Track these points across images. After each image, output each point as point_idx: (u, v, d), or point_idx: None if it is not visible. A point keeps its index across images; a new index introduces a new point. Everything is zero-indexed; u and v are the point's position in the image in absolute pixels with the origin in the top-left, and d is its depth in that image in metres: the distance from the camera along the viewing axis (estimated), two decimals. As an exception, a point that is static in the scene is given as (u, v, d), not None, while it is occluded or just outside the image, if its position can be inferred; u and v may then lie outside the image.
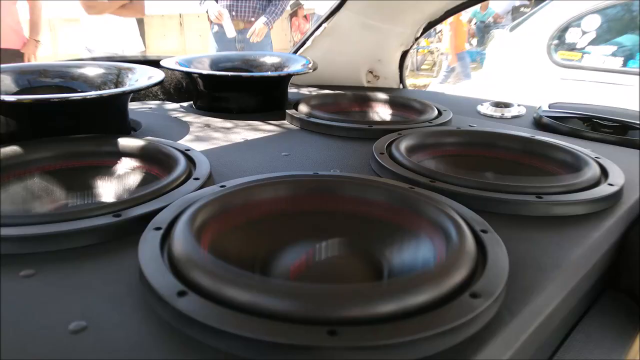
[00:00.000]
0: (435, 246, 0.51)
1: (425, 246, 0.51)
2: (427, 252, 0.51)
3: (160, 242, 0.47)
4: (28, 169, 0.65)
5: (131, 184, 0.66)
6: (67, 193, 0.65)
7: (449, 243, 0.48)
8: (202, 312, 0.37)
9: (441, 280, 0.41)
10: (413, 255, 0.52)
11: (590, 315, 0.65)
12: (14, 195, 0.62)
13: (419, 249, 0.52)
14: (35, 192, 0.63)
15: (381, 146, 0.80)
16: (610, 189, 0.65)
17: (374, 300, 0.38)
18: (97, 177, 0.68)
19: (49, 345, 0.36)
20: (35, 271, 0.45)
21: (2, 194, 0.60)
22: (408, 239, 0.54)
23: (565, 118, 1.04)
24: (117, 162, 0.71)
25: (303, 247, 0.54)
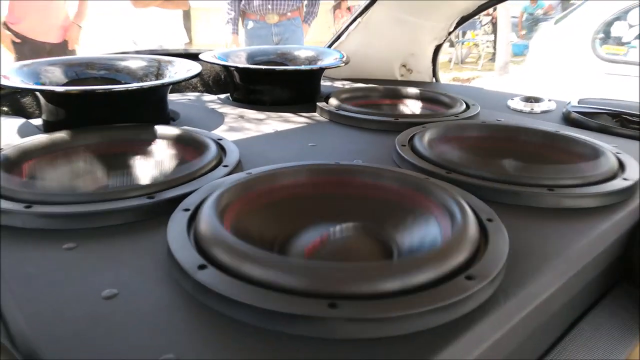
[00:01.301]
0: (442, 230, 0.54)
1: (432, 230, 0.55)
2: (433, 235, 0.54)
3: (188, 221, 0.52)
4: (75, 152, 0.72)
5: (166, 169, 0.72)
6: (108, 175, 0.72)
7: (453, 228, 0.51)
8: (218, 283, 0.42)
9: (439, 263, 0.45)
10: (420, 238, 0.55)
11: (601, 306, 0.66)
12: (62, 176, 0.69)
13: (426, 233, 0.55)
14: (81, 173, 0.69)
15: (404, 139, 0.83)
16: (624, 183, 0.66)
17: (373, 278, 0.42)
18: (136, 161, 0.75)
19: (83, 308, 0.41)
20: (76, 245, 0.51)
21: (51, 174, 0.67)
22: (417, 223, 0.57)
23: (594, 114, 1.04)
24: (154, 148, 0.77)
25: (319, 228, 0.58)
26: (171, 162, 0.74)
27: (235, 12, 2.85)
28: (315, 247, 0.55)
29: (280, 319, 0.39)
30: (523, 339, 0.47)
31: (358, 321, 0.39)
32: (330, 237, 0.57)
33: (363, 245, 0.56)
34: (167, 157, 0.75)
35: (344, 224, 0.58)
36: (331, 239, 0.57)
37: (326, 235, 0.57)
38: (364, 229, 0.58)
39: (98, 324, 0.39)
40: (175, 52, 1.32)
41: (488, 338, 0.41)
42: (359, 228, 0.58)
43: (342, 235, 0.57)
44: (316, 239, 0.57)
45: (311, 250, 0.55)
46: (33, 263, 0.47)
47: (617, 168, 0.72)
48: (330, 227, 0.58)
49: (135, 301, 0.42)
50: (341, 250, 0.55)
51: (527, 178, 0.66)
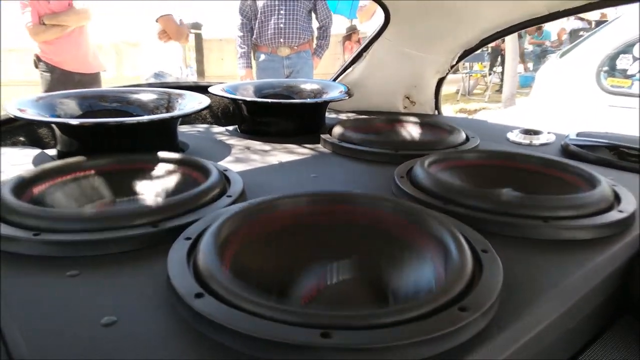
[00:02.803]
0: (437, 266, 0.55)
1: (427, 268, 0.56)
2: (428, 275, 0.55)
3: (188, 250, 0.54)
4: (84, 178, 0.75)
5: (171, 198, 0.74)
6: (115, 201, 0.74)
7: (448, 260, 0.53)
8: (214, 312, 0.43)
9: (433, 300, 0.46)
10: (415, 279, 0.56)
11: (602, 340, 0.66)
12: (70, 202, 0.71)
13: (421, 273, 0.56)
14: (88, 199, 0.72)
15: (402, 170, 0.85)
16: (619, 216, 0.67)
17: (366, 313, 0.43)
18: (142, 189, 0.77)
19: (82, 334, 0.43)
20: (79, 272, 0.53)
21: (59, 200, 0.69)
22: (412, 259, 0.58)
23: (592, 147, 1.06)
24: (160, 176, 0.79)
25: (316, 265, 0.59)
26: (176, 190, 0.76)
27: (248, 46, 2.92)
28: (312, 295, 0.57)
29: (274, 348, 0.40)
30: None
31: (350, 351, 0.40)
32: (327, 284, 0.58)
33: (358, 293, 0.58)
34: (173, 185, 0.77)
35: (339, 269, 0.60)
36: (327, 287, 0.58)
37: (322, 283, 0.59)
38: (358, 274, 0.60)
39: (96, 349, 0.41)
40: (186, 85, 1.36)
41: (478, 369, 0.42)
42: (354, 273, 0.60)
43: (338, 282, 0.59)
44: (312, 285, 0.58)
45: (308, 298, 0.56)
46: (36, 289, 0.49)
47: (612, 200, 0.73)
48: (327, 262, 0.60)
49: (133, 328, 0.44)
50: (337, 298, 0.56)
51: (523, 209, 0.67)
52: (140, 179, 0.79)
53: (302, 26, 2.84)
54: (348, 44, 7.45)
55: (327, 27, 3.02)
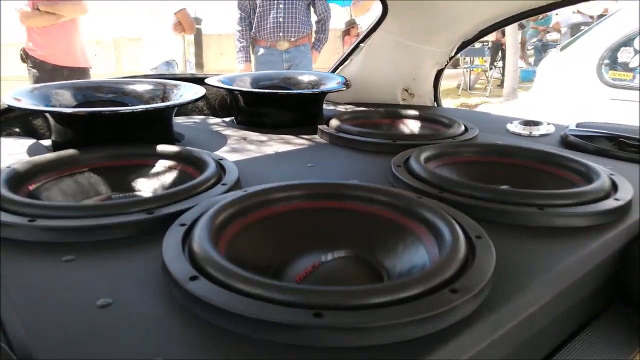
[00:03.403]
0: (431, 250, 0.55)
1: (421, 252, 0.56)
2: (422, 257, 0.55)
3: (183, 236, 0.54)
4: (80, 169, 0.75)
5: (166, 186, 0.74)
6: (111, 190, 0.74)
7: (442, 245, 0.53)
8: (208, 294, 0.43)
9: (426, 281, 0.46)
10: (410, 256, 0.56)
11: (594, 326, 0.66)
12: (66, 191, 0.71)
13: (414, 256, 0.56)
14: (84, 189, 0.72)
15: (400, 160, 0.85)
16: (615, 204, 0.67)
17: (359, 292, 0.43)
18: (137, 178, 0.77)
19: (78, 316, 0.43)
20: (75, 257, 0.53)
21: (56, 190, 0.69)
22: (406, 244, 0.58)
23: (592, 137, 1.05)
24: (155, 165, 0.79)
25: (310, 250, 0.59)
26: (171, 179, 0.76)
27: (246, 40, 2.92)
28: (306, 274, 0.57)
29: (267, 328, 0.40)
30: (508, 353, 0.48)
31: (342, 330, 0.40)
32: (321, 269, 0.58)
33: (352, 277, 0.58)
34: (167, 174, 0.77)
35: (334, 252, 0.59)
36: (321, 271, 0.58)
37: (317, 263, 0.59)
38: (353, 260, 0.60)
39: (92, 330, 0.41)
40: (182, 77, 1.35)
41: (470, 350, 0.42)
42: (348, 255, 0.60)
43: (332, 267, 0.59)
44: (307, 267, 0.58)
45: (302, 277, 0.56)
46: (32, 273, 0.49)
47: (609, 188, 0.73)
48: (322, 251, 0.59)
49: (128, 310, 0.44)
50: (330, 282, 0.56)
51: (519, 197, 0.67)
52: (134, 171, 0.79)
53: (301, 20, 2.84)
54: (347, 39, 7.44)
55: (326, 21, 3.02)
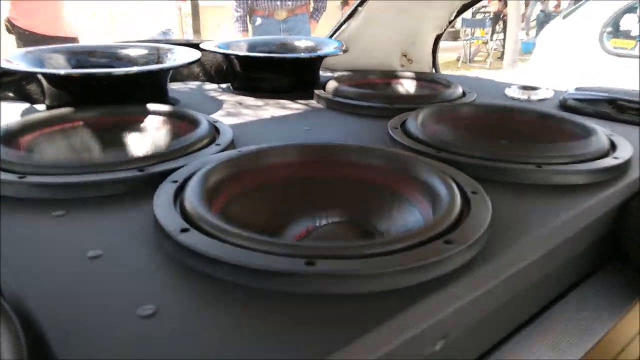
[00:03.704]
0: (425, 205, 0.55)
1: (416, 206, 0.55)
2: (417, 211, 0.55)
3: (175, 192, 0.53)
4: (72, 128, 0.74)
5: (158, 145, 0.73)
6: (102, 150, 0.73)
7: (437, 200, 0.52)
8: (200, 244, 0.43)
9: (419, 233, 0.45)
10: (405, 214, 0.56)
11: (590, 282, 0.67)
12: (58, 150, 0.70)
13: (410, 209, 0.56)
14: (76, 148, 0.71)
15: (396, 122, 0.84)
16: (613, 162, 0.66)
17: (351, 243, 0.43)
18: (130, 137, 0.76)
19: (68, 266, 0.43)
20: (66, 212, 0.52)
21: (48, 148, 0.68)
22: (403, 200, 0.58)
23: (591, 100, 1.04)
24: (148, 125, 0.78)
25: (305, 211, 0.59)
26: (164, 139, 0.75)
27: (243, 10, 2.87)
28: (301, 236, 0.56)
29: (258, 276, 0.40)
30: (503, 303, 0.48)
31: (334, 277, 0.39)
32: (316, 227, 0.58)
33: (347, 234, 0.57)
34: (160, 134, 0.77)
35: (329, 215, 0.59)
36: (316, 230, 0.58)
37: (312, 227, 0.58)
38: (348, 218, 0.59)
39: (82, 279, 0.41)
40: (177, 42, 1.33)
41: (463, 298, 0.42)
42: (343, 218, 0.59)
43: (327, 225, 0.58)
44: (302, 229, 0.58)
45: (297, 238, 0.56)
46: (22, 228, 0.49)
47: (608, 148, 0.72)
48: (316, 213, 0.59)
49: (119, 261, 0.44)
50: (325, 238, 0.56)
51: (516, 156, 0.66)
52: (128, 129, 0.78)
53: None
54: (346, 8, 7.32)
55: (324, -10, 2.97)
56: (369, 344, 0.35)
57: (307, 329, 0.36)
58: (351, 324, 0.36)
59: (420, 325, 0.38)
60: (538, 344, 0.56)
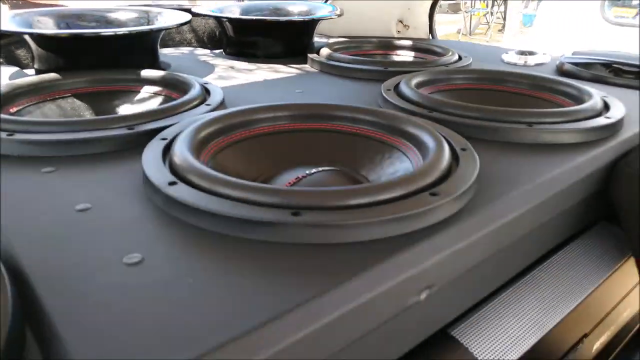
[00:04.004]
0: (414, 160, 0.54)
1: (405, 161, 0.55)
2: (406, 166, 0.55)
3: (164, 148, 0.53)
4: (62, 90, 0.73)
5: (148, 105, 0.73)
6: (92, 110, 0.73)
7: (425, 155, 0.52)
8: (187, 196, 0.43)
9: (406, 183, 0.45)
10: (394, 168, 0.56)
11: (579, 240, 0.67)
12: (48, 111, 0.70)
13: (400, 164, 0.56)
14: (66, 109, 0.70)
15: (390, 84, 0.83)
16: (604, 121, 0.66)
17: (337, 193, 0.43)
18: (119, 98, 0.76)
19: (57, 218, 0.43)
20: (55, 169, 0.52)
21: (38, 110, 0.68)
22: (393, 156, 0.58)
23: (588, 64, 1.03)
24: (138, 87, 0.78)
25: (294, 165, 0.59)
26: (154, 99, 0.75)
27: None
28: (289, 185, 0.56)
29: (244, 226, 0.40)
30: (489, 256, 0.48)
31: (319, 227, 0.40)
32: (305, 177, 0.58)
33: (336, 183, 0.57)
34: (152, 95, 0.76)
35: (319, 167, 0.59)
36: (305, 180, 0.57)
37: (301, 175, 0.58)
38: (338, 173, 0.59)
39: (71, 230, 0.41)
40: (168, 6, 1.31)
41: (448, 248, 0.42)
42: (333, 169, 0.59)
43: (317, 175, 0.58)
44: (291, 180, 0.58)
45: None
46: (11, 183, 0.49)
47: (601, 108, 0.72)
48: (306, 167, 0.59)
49: (107, 213, 0.44)
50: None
51: (508, 115, 0.66)
52: (118, 92, 0.77)
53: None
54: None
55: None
56: (353, 290, 0.36)
57: (292, 275, 0.36)
58: (336, 271, 0.36)
59: (404, 273, 0.39)
60: (526, 299, 0.57)
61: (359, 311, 0.36)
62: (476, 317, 0.52)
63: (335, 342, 0.35)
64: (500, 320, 0.53)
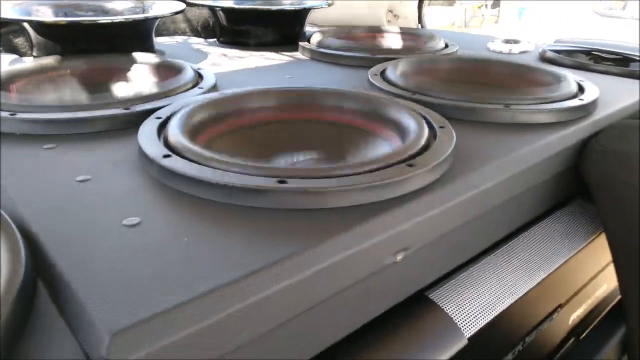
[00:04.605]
0: (394, 138, 0.58)
1: (386, 139, 0.59)
2: (387, 144, 0.58)
3: (158, 127, 0.57)
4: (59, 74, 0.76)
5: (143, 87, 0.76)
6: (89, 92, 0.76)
7: (405, 132, 0.56)
8: (180, 167, 0.46)
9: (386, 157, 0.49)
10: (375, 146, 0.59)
11: (555, 215, 0.71)
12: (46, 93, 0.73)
13: (381, 142, 0.59)
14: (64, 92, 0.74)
15: (377, 70, 0.87)
16: (577, 103, 0.69)
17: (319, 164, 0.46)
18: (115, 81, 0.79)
19: (58, 188, 0.46)
20: (56, 145, 0.55)
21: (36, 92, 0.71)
22: (376, 135, 0.61)
23: (569, 52, 1.07)
24: (134, 71, 0.81)
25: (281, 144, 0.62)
26: (149, 82, 0.78)
27: None
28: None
29: (234, 193, 0.43)
30: (462, 224, 0.52)
31: (303, 193, 0.43)
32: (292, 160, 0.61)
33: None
34: (145, 79, 0.79)
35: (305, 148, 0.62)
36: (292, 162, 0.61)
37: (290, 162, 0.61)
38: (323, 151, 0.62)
39: (73, 197, 0.44)
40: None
41: (422, 214, 0.46)
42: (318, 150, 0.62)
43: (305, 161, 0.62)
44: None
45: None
46: (14, 159, 0.52)
47: (576, 92, 0.76)
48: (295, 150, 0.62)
49: (106, 183, 0.47)
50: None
51: (486, 97, 0.69)
52: (114, 75, 0.80)
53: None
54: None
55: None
56: (332, 247, 0.39)
57: (278, 235, 0.39)
58: (319, 231, 0.40)
59: (380, 235, 0.42)
60: (501, 268, 0.61)
61: (339, 266, 0.39)
62: (453, 282, 0.56)
63: (317, 294, 0.39)
64: (475, 286, 0.57)
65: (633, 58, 1.00)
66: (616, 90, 0.84)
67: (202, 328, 0.32)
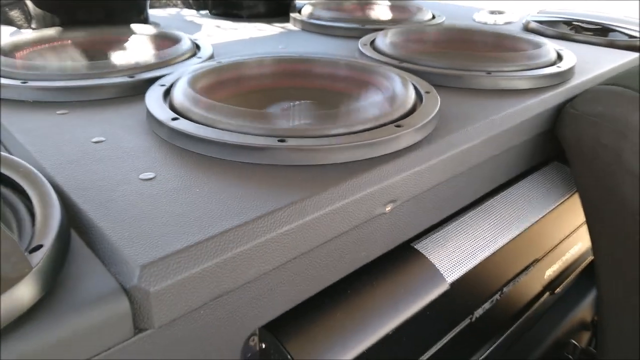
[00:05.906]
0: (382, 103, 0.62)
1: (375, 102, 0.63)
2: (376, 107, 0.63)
3: (164, 93, 0.60)
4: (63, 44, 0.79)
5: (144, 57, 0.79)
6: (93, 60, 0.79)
7: (394, 95, 0.60)
8: (188, 128, 0.50)
9: (375, 114, 0.53)
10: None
11: (532, 177, 0.76)
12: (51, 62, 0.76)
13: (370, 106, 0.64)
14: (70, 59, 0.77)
15: (366, 40, 0.91)
16: (555, 70, 0.74)
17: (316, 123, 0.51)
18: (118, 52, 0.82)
19: (76, 148, 0.50)
20: (68, 111, 0.59)
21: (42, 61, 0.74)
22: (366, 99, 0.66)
23: (551, 22, 1.11)
24: (134, 42, 0.84)
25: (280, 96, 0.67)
26: (149, 53, 0.81)
27: None
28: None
29: (239, 151, 0.48)
30: (446, 179, 0.56)
31: (301, 150, 0.48)
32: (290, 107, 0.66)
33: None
34: (145, 49, 0.82)
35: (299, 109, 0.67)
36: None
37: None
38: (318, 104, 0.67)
39: (91, 156, 0.48)
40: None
41: (408, 170, 0.50)
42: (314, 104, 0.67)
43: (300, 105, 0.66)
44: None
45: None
46: (30, 123, 0.56)
47: (555, 60, 0.80)
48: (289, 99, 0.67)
49: (119, 144, 0.51)
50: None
51: (470, 65, 0.74)
52: (115, 46, 0.83)
53: None
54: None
55: None
56: (328, 197, 0.44)
57: (280, 187, 0.44)
58: (316, 184, 0.44)
59: (371, 187, 0.47)
60: (481, 223, 0.66)
61: (334, 215, 0.44)
62: (437, 235, 0.61)
63: (315, 239, 0.44)
64: (457, 238, 0.62)
65: (612, 28, 1.05)
66: (594, 58, 0.88)
67: (216, 264, 0.37)
